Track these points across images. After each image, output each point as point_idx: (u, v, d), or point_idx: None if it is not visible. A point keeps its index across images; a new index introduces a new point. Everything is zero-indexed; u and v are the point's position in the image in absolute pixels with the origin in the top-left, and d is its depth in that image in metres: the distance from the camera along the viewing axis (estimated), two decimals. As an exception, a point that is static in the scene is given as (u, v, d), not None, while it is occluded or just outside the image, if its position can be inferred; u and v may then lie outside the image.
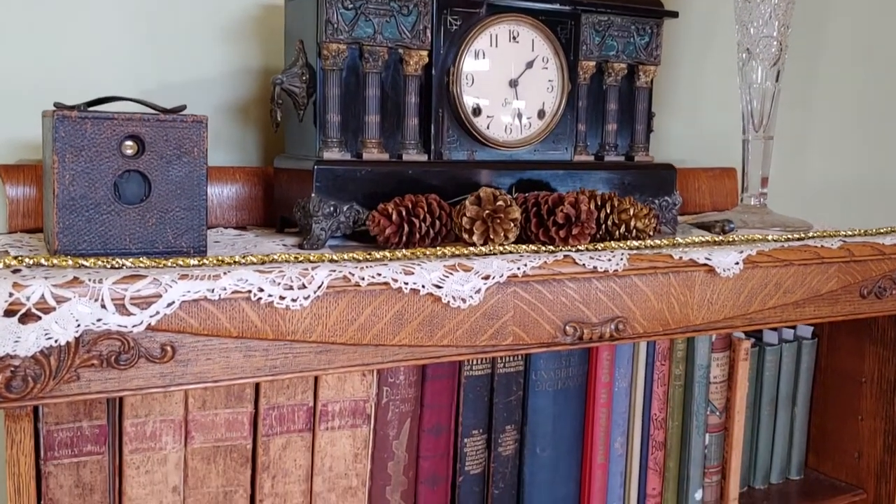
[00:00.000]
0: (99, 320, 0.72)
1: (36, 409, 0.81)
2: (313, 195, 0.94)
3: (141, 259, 0.77)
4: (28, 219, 1.03)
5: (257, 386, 0.92)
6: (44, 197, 0.85)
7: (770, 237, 1.12)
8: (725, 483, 1.24)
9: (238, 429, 0.91)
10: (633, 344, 1.14)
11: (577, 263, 0.94)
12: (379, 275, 0.83)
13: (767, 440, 1.31)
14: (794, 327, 1.35)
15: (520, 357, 1.06)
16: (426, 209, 0.93)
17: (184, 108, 0.82)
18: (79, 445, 0.84)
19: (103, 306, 0.72)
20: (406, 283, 0.84)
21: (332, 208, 0.94)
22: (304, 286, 0.80)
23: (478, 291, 0.88)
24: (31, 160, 1.05)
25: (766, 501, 1.28)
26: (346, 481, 0.98)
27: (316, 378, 0.95)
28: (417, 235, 0.93)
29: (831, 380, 1.36)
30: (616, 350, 1.12)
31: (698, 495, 1.21)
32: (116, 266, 0.76)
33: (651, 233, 1.04)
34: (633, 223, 1.01)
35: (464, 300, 0.87)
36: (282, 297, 0.78)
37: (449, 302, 0.86)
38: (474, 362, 1.04)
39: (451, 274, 0.87)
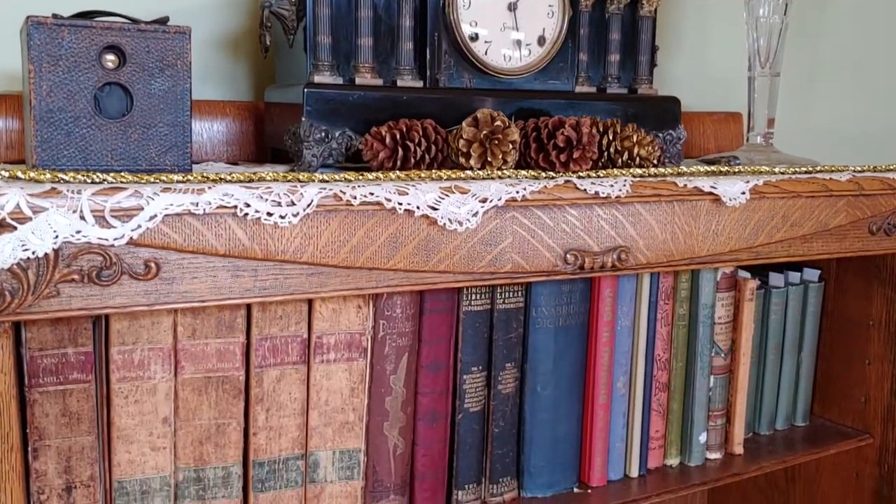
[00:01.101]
0: (78, 232, 0.69)
1: (18, 333, 0.78)
2: (303, 119, 0.91)
3: (123, 175, 0.74)
4: (11, 150, 1.00)
5: (249, 316, 0.89)
6: (24, 114, 0.82)
7: (777, 170, 1.09)
8: (730, 427, 1.22)
9: (230, 359, 0.88)
10: (635, 282, 1.11)
11: (578, 189, 0.90)
12: (371, 194, 0.80)
13: (773, 386, 1.29)
14: (800, 271, 1.32)
15: (520, 293, 1.03)
16: (421, 133, 0.90)
17: (167, 19, 0.78)
18: (64, 373, 0.81)
19: (82, 218, 0.69)
20: (400, 204, 0.81)
21: (323, 134, 0.91)
22: (292, 203, 0.77)
23: (475, 215, 0.85)
24: (13, 91, 1.02)
25: (771, 446, 1.25)
26: (342, 416, 0.95)
27: (310, 309, 0.92)
28: (412, 161, 0.90)
29: (838, 324, 1.33)
30: (618, 287, 1.09)
31: (702, 438, 1.18)
32: (97, 181, 0.73)
33: (655, 162, 1.01)
34: (636, 150, 0.98)
35: (460, 223, 0.84)
36: (269, 214, 0.75)
37: (445, 225, 0.83)
38: (473, 297, 1.01)
39: (447, 196, 0.84)
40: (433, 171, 0.87)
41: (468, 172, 0.88)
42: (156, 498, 0.86)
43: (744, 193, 1.00)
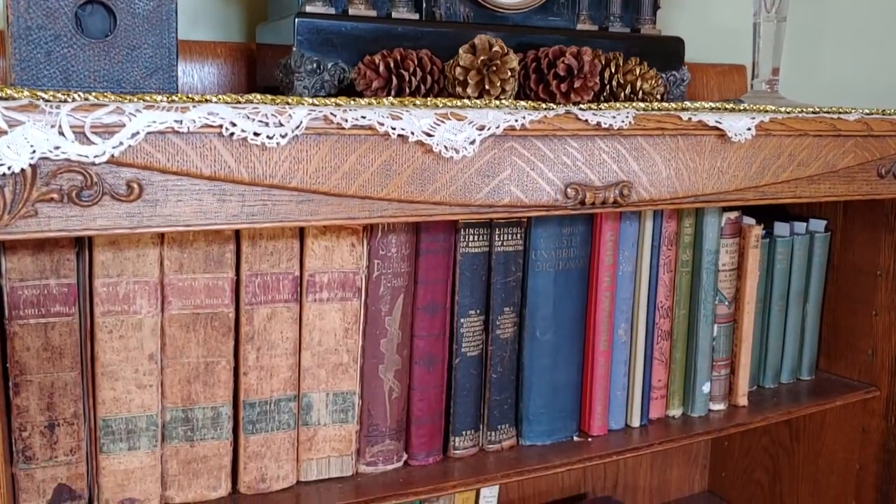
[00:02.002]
0: (57, 148, 0.66)
1: (-3, 261, 0.75)
2: (294, 49, 0.88)
3: (106, 95, 0.71)
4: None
5: (238, 251, 0.86)
6: (4, 36, 0.79)
7: (784, 109, 1.06)
8: (734, 378, 1.19)
9: (219, 295, 0.86)
10: (638, 226, 1.08)
11: (579, 120, 0.87)
12: (363, 117, 0.77)
13: (778, 338, 1.26)
14: (806, 221, 1.29)
15: (519, 235, 1.01)
16: (416, 63, 0.87)
17: (151, -66, 0.75)
18: (46, 305, 0.79)
19: (61, 133, 0.66)
20: (393, 129, 0.78)
21: (314, 65, 0.88)
22: (280, 124, 0.73)
23: (472, 142, 0.82)
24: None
25: (776, 399, 1.23)
26: (336, 357, 0.92)
27: (302, 245, 0.89)
28: (407, 91, 0.87)
29: (845, 276, 1.30)
30: (620, 231, 1.06)
31: (706, 388, 1.16)
32: (78, 99, 0.70)
33: (658, 97, 0.97)
34: (639, 84, 0.95)
35: (457, 150, 0.81)
36: (256, 134, 0.72)
37: (441, 152, 0.80)
38: (471, 238, 0.98)
39: (443, 122, 0.80)
40: (429, 98, 0.84)
41: (465, 101, 0.85)
42: (142, 437, 0.84)
43: (749, 129, 0.97)
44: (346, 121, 0.76)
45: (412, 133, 0.79)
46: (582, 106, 0.90)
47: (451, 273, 0.98)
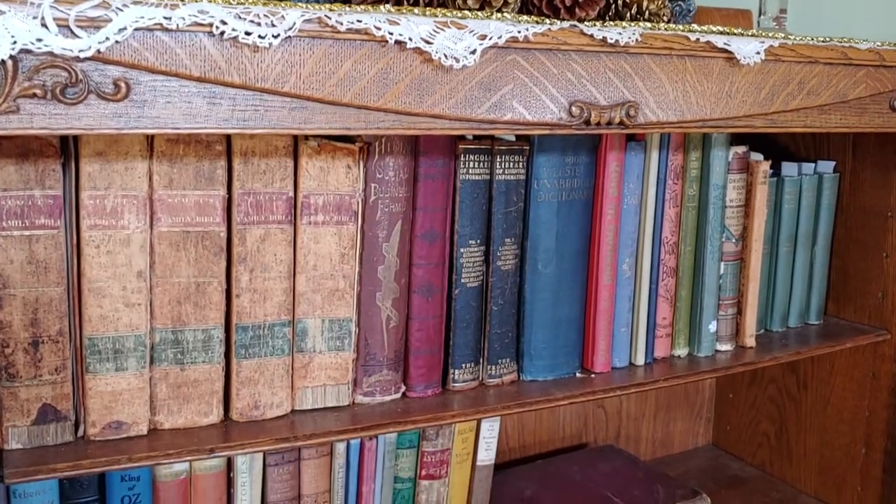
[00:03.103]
0: (39, 40, 0.63)
1: (-22, 168, 0.73)
2: (290, -40, 0.84)
3: (90, -9, 0.68)
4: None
5: (230, 168, 0.83)
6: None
7: (794, 35, 1.03)
8: (741, 318, 1.16)
9: (210, 213, 0.83)
10: (643, 157, 1.05)
11: (584, 35, 0.84)
12: (359, 21, 0.74)
13: (786, 280, 1.23)
14: (814, 162, 1.26)
15: (521, 163, 0.98)
16: (415, -26, 0.84)
17: None
18: (30, 217, 0.76)
19: (44, 25, 0.63)
20: (391, 34, 0.75)
21: (311, -23, 0.85)
22: (273, 25, 0.70)
23: (473, 52, 0.79)
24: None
25: (784, 341, 1.20)
26: (332, 282, 0.90)
27: (296, 165, 0.86)
28: (406, 2, 0.84)
29: (854, 218, 1.27)
30: (625, 162, 1.03)
31: (712, 327, 1.13)
32: None
33: (665, 19, 0.94)
34: (645, 4, 0.92)
35: (457, 59, 0.78)
36: (248, 33, 0.69)
37: (440, 60, 0.77)
38: (471, 165, 0.95)
39: (443, 30, 0.77)
40: (428, 9, 0.81)
41: (466, 12, 0.82)
42: (130, 358, 0.81)
43: (758, 53, 0.94)
44: (342, 24, 0.73)
45: (410, 39, 0.76)
46: (587, 21, 0.87)
47: (450, 200, 0.95)
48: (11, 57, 0.63)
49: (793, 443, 1.38)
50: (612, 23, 0.88)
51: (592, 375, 1.05)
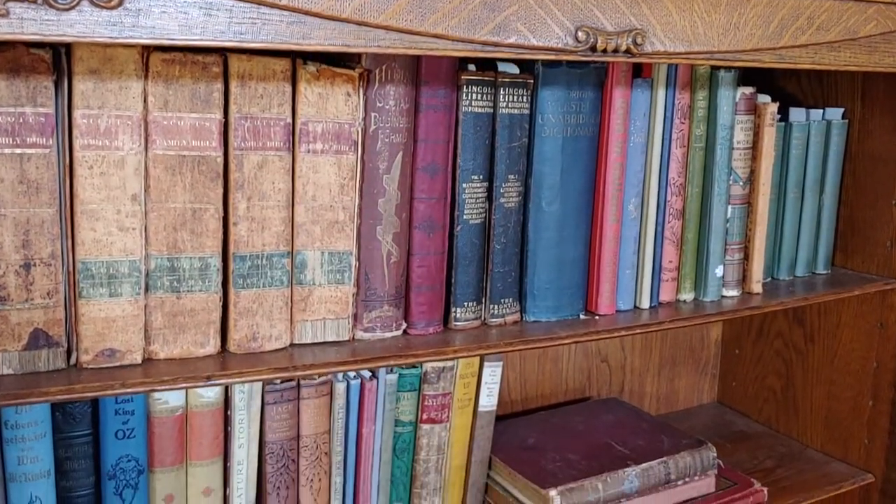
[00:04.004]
0: (28, -62, 0.61)
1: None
2: None
3: None
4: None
5: (227, 91, 0.81)
6: None
7: (804, -31, 1.00)
8: (748, 264, 1.14)
9: (206, 137, 0.81)
10: (650, 94, 1.02)
11: (589, -44, 0.82)
12: (360, -69, 0.72)
13: (793, 228, 1.21)
14: (822, 110, 1.23)
15: (525, 97, 0.96)
16: None
17: None
18: (21, 135, 0.74)
19: (31, -79, 0.61)
20: (392, -54, 0.73)
21: None
22: (272, -69, 0.68)
23: (476, -31, 0.77)
24: None
25: (792, 288, 1.18)
26: (331, 214, 0.88)
27: (294, 91, 0.84)
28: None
29: (862, 166, 1.25)
30: (631, 98, 1.01)
31: (719, 272, 1.11)
32: None
33: (672, -53, 0.92)
34: (652, -70, 0.89)
35: (459, -24, 0.76)
36: (245, -63, 0.67)
37: (442, -24, 0.75)
38: (474, 97, 0.93)
39: (445, -55, 0.75)
40: (429, -74, 0.79)
41: (468, -69, 0.80)
42: (124, 284, 0.79)
43: (769, -18, 0.92)
44: (341, -67, 0.71)
45: (411, -48, 0.73)
46: (593, -55, 0.85)
47: (452, 133, 0.93)
48: (-1, -44, 0.61)
49: (799, 397, 1.36)
50: (619, -53, 0.86)
51: (596, 318, 1.03)
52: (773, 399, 1.40)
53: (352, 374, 0.98)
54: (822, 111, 1.23)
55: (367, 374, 0.98)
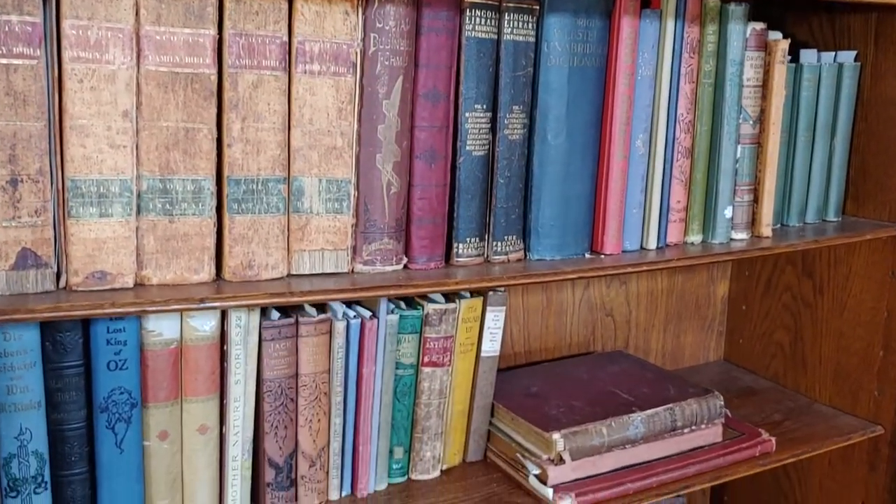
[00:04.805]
0: None
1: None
2: None
3: None
4: None
5: (221, 7, 0.78)
6: None
7: None
8: (758, 206, 1.11)
9: (200, 54, 0.78)
10: (658, 26, 0.99)
11: None
12: None
13: (804, 172, 1.18)
14: (834, 53, 1.20)
15: (530, 24, 0.92)
16: None
17: None
18: (7, 44, 0.71)
19: None
20: None
21: None
22: None
23: None
24: None
25: (802, 233, 1.15)
26: (329, 139, 0.85)
27: (290, 8, 0.81)
28: None
29: (875, 111, 1.21)
30: (640, 29, 0.98)
31: (727, 213, 1.08)
32: None
33: None
34: None
35: None
36: None
37: None
38: (477, 22, 0.90)
39: None
40: None
41: None
42: (115, 204, 0.76)
43: None
44: None
45: None
46: None
47: (454, 59, 0.90)
48: None
49: (808, 351, 1.33)
50: None
51: (602, 257, 1.00)
52: (781, 354, 1.38)
53: (351, 313, 0.95)
54: (833, 54, 1.19)
55: (367, 313, 0.95)
